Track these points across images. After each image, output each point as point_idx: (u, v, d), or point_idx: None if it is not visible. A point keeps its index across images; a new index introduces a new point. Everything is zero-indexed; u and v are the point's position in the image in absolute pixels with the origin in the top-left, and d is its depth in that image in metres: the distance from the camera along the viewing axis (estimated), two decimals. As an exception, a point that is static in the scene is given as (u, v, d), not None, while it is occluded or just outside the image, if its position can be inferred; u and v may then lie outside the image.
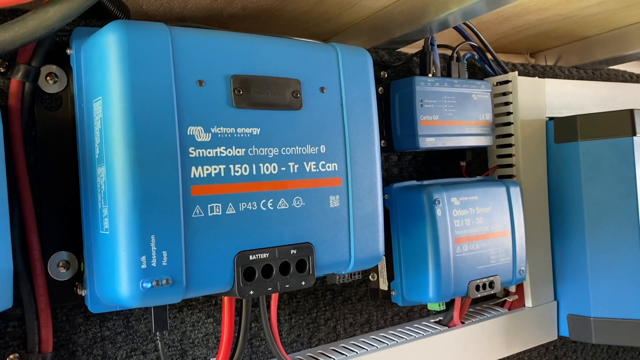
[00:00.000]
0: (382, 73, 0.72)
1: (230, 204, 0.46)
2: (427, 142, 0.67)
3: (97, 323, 0.53)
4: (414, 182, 0.68)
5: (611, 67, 1.06)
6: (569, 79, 0.95)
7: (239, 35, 0.49)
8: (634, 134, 0.74)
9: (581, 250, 0.78)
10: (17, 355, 0.49)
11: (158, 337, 0.50)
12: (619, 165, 0.75)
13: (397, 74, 0.74)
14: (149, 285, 0.42)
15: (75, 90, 0.48)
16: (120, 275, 0.42)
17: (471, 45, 0.79)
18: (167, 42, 0.44)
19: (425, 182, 0.68)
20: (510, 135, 0.79)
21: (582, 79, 1.00)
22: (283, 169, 0.50)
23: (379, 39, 0.72)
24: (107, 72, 0.43)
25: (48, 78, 0.50)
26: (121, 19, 0.52)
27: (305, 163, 0.51)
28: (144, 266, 0.42)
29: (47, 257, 0.49)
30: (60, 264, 0.50)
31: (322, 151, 0.52)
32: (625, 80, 1.07)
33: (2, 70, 0.48)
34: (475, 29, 0.77)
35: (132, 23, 0.43)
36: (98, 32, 0.44)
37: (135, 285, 0.42)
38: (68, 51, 0.48)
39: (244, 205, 0.47)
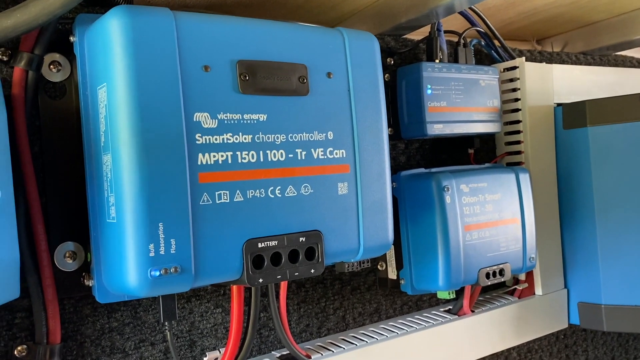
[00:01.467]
0: (388, 60, 0.71)
1: (238, 191, 0.46)
2: (435, 129, 0.66)
3: (104, 314, 0.53)
4: (422, 170, 0.67)
5: (618, 53, 1.05)
6: (576, 64, 0.94)
7: (245, 20, 0.48)
8: (644, 118, 0.73)
9: (591, 237, 0.77)
10: (25, 346, 0.48)
11: (167, 327, 0.49)
12: (629, 151, 0.74)
13: (403, 61, 0.73)
14: (157, 273, 0.41)
15: (79, 77, 0.47)
16: (128, 264, 0.42)
17: (478, 31, 0.78)
18: (172, 27, 0.43)
19: (433, 170, 0.67)
20: (518, 121, 0.78)
21: (589, 64, 0.99)
22: (290, 155, 0.49)
23: (384, 25, 0.71)
24: (112, 58, 0.42)
25: (51, 66, 0.49)
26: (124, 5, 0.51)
27: (312, 150, 0.50)
28: (152, 254, 0.41)
29: (53, 247, 0.49)
30: (67, 255, 0.49)
31: (329, 137, 0.51)
32: (632, 66, 1.06)
33: (5, 58, 0.48)
34: (481, 14, 0.76)
35: (136, 8, 0.43)
36: (102, 17, 0.44)
37: (143, 273, 0.41)
38: (71, 38, 0.48)
39: (252, 192, 0.46)
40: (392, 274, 0.69)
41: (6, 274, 0.41)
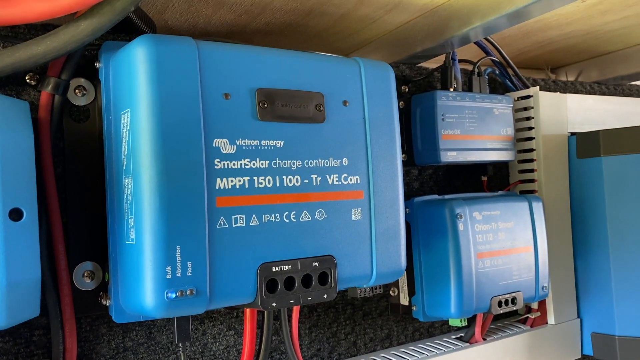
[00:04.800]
0: (403, 87, 0.73)
1: (254, 215, 0.47)
2: (449, 156, 0.67)
3: (120, 333, 0.54)
4: (436, 196, 0.68)
5: (633, 83, 1.05)
6: (590, 94, 0.95)
7: (264, 50, 0.50)
8: (659, 149, 0.73)
9: (605, 266, 0.77)
10: (41, 364, 0.49)
11: (180, 348, 0.50)
12: (644, 181, 0.74)
13: (418, 89, 0.74)
14: (174, 295, 0.42)
15: (103, 102, 0.49)
16: (145, 285, 0.42)
17: (492, 60, 0.79)
18: (195, 56, 0.45)
19: (446, 197, 0.67)
20: (532, 150, 0.78)
21: (603, 94, 0.99)
22: (306, 181, 0.50)
23: (400, 54, 0.73)
24: (136, 85, 0.43)
25: (77, 91, 0.51)
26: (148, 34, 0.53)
27: (327, 176, 0.51)
28: (169, 276, 0.42)
29: (72, 267, 0.50)
30: (85, 274, 0.50)
31: (344, 164, 0.52)
32: (647, 96, 1.06)
33: (33, 83, 0.50)
34: (496, 44, 0.77)
35: (161, 37, 0.44)
36: (127, 45, 0.45)
37: (160, 295, 0.42)
38: (97, 64, 0.49)
39: (267, 217, 0.47)
40: (404, 300, 0.69)
41: (28, 293, 0.42)
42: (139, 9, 0.55)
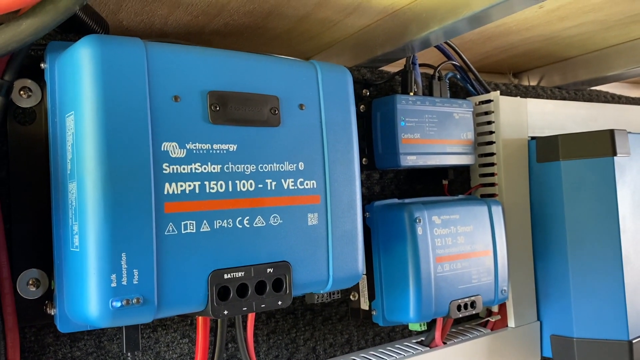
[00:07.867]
0: (364, 91, 0.72)
1: (204, 221, 0.45)
2: (409, 160, 0.67)
3: (67, 343, 0.52)
4: (396, 200, 0.68)
5: (593, 88, 1.07)
6: (551, 99, 0.96)
7: (217, 51, 0.49)
8: (615, 154, 0.74)
9: (564, 270, 0.78)
10: (-18, 376, 0.47)
11: (129, 358, 0.48)
12: (600, 185, 0.75)
13: (379, 92, 0.74)
14: (119, 304, 0.41)
15: (48, 104, 0.47)
16: (89, 294, 0.41)
17: (453, 64, 0.79)
18: (142, 57, 0.44)
19: (406, 201, 0.67)
20: (492, 154, 0.79)
21: (564, 99, 1.00)
22: (260, 186, 0.49)
23: (361, 58, 0.72)
24: (80, 87, 0.42)
25: (22, 92, 0.49)
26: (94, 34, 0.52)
27: (283, 180, 0.50)
28: (114, 284, 0.41)
29: (16, 274, 0.48)
30: (30, 282, 0.49)
31: (300, 168, 0.51)
32: (606, 101, 1.08)
33: (-26, 83, 0.48)
34: (457, 48, 0.77)
35: (107, 37, 0.43)
36: (72, 46, 0.44)
37: (104, 304, 0.41)
38: (42, 65, 0.48)
39: (219, 222, 0.46)
40: (364, 305, 0.69)
41: (-38, 303, 0.40)
42: (90, 8, 0.53)
